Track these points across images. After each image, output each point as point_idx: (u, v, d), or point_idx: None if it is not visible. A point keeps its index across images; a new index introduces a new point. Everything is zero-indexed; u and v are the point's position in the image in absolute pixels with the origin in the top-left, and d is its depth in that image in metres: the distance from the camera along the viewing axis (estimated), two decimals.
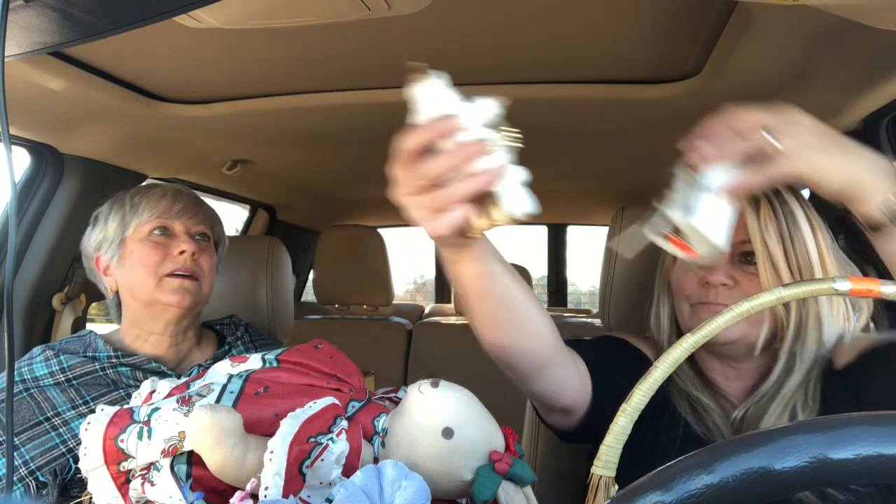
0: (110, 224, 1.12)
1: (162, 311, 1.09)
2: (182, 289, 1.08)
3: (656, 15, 1.00)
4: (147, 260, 1.08)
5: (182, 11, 0.72)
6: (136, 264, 1.08)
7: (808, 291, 0.51)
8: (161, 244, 1.09)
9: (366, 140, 1.72)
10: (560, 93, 1.32)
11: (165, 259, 1.08)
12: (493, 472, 0.64)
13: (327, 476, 0.61)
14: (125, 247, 1.10)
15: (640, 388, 0.50)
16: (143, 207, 1.11)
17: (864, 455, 0.37)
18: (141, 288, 1.08)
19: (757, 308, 0.52)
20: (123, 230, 1.11)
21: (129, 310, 1.12)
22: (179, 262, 1.09)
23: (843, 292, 0.51)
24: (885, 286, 0.50)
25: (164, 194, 1.14)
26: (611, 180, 2.34)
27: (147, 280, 1.07)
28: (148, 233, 1.10)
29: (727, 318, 0.52)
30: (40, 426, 0.98)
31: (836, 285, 0.50)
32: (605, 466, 0.49)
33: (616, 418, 0.50)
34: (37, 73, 1.12)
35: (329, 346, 0.82)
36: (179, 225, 1.12)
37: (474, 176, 0.61)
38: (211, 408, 0.65)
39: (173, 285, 1.08)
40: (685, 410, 0.92)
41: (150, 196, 1.13)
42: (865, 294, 0.50)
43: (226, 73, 1.27)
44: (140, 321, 1.11)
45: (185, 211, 1.13)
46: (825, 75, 1.06)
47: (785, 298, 0.52)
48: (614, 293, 1.17)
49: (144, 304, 1.09)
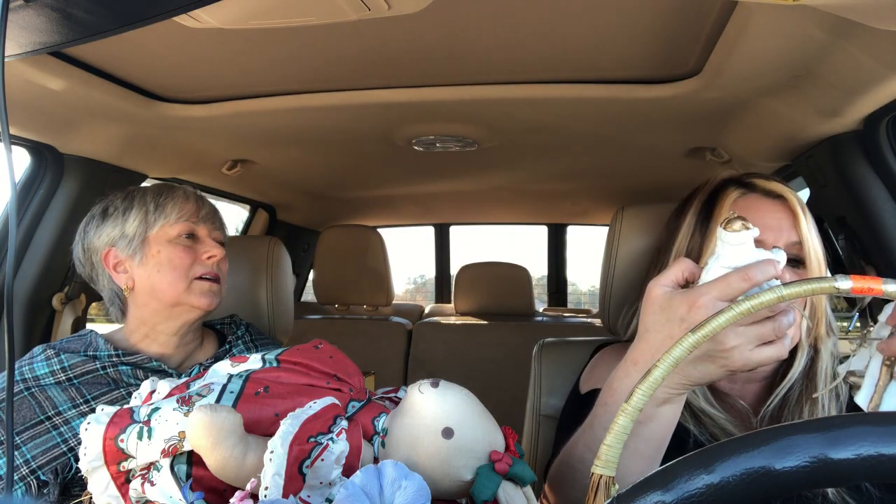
0: (130, 221, 1.10)
1: (184, 313, 1.10)
2: (211, 292, 1.11)
3: (656, 15, 1.00)
4: (179, 262, 1.09)
5: (182, 11, 0.72)
6: (165, 266, 1.08)
7: (810, 290, 0.51)
8: (189, 248, 1.11)
9: (366, 140, 1.72)
10: (560, 93, 1.32)
11: (195, 262, 1.10)
12: (493, 472, 0.64)
13: (327, 476, 0.61)
14: (148, 246, 1.10)
15: (640, 388, 0.50)
16: (171, 208, 1.11)
17: (864, 455, 0.37)
18: (169, 290, 1.08)
19: (758, 307, 0.52)
20: (146, 229, 1.10)
21: (144, 309, 1.11)
22: (208, 266, 1.11)
23: (845, 291, 0.51)
24: (887, 284, 0.50)
25: (188, 197, 1.14)
26: (611, 180, 2.34)
27: (177, 283, 1.08)
28: (176, 235, 1.10)
29: (728, 316, 0.52)
30: (41, 425, 0.98)
31: (838, 283, 0.50)
32: (605, 466, 0.49)
33: (616, 418, 0.50)
34: (37, 73, 1.12)
35: (329, 346, 0.82)
36: (204, 230, 1.14)
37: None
38: (211, 408, 0.65)
39: (203, 288, 1.10)
40: (687, 420, 0.90)
41: (174, 197, 1.13)
42: (866, 292, 0.50)
43: (226, 73, 1.27)
44: (153, 321, 1.11)
45: (209, 217, 1.16)
46: (825, 75, 1.06)
47: (787, 297, 0.52)
48: (614, 293, 1.17)
49: (168, 305, 1.09)
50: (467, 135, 1.64)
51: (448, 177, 2.30)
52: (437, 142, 1.68)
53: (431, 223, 3.59)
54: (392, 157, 1.93)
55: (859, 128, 1.20)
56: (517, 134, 1.66)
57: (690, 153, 1.75)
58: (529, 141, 1.74)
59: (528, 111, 1.44)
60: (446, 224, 3.60)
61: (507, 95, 1.33)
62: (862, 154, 1.22)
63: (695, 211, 0.94)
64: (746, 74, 1.12)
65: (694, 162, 1.80)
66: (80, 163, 1.51)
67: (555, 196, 2.74)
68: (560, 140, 1.71)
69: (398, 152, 1.82)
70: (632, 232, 1.17)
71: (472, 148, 1.74)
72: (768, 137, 1.41)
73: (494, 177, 2.30)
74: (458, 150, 1.76)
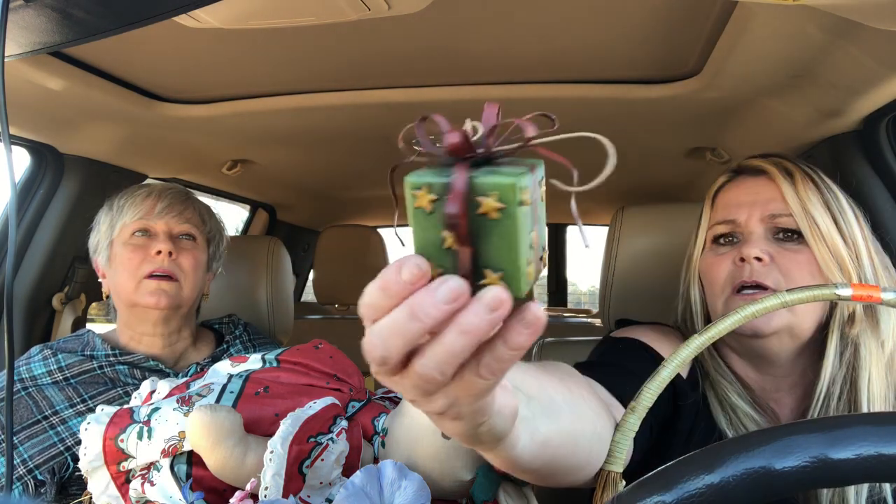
0: (102, 227, 1.13)
1: (144, 313, 1.09)
2: (159, 290, 1.06)
3: (656, 15, 1.00)
4: (127, 263, 1.07)
5: (182, 11, 0.72)
6: (119, 267, 1.09)
7: (812, 296, 0.52)
8: (140, 246, 1.08)
9: (366, 140, 1.72)
10: (560, 93, 1.32)
11: (144, 261, 1.07)
12: (493, 472, 0.64)
13: (327, 476, 0.61)
14: (112, 249, 1.11)
15: (648, 387, 0.50)
16: (127, 209, 1.11)
17: (864, 455, 0.37)
18: (123, 290, 1.08)
19: (762, 312, 0.52)
20: (111, 232, 1.11)
21: (121, 312, 1.12)
22: (157, 263, 1.07)
23: (846, 298, 0.51)
24: (885, 293, 0.50)
25: (149, 194, 1.13)
26: (611, 180, 2.32)
27: (128, 283, 1.07)
28: (130, 235, 1.09)
29: (732, 319, 0.52)
30: (38, 425, 0.98)
31: (839, 290, 0.51)
32: (613, 462, 0.50)
33: (625, 416, 0.50)
34: (37, 73, 1.12)
35: (329, 346, 0.82)
36: (162, 225, 1.10)
37: None
38: (211, 408, 0.65)
39: (150, 287, 1.06)
40: (721, 419, 0.85)
41: (134, 197, 1.13)
42: (866, 300, 0.51)
43: (226, 73, 1.27)
44: (131, 323, 1.11)
45: (169, 210, 1.11)
46: (825, 75, 1.06)
47: (790, 303, 0.52)
48: (614, 293, 1.17)
49: (127, 306, 1.09)
50: None
51: None
52: (438, 142, 1.68)
53: None
54: (392, 157, 1.92)
55: (859, 128, 1.20)
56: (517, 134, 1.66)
57: (690, 153, 1.75)
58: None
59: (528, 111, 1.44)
60: None
61: (507, 95, 1.33)
62: (862, 154, 1.22)
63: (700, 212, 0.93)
64: (746, 74, 1.12)
65: (694, 162, 1.80)
66: (80, 163, 1.51)
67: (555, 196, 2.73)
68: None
69: (398, 152, 1.81)
70: (632, 232, 1.17)
71: None
72: (768, 137, 1.41)
73: None
74: None
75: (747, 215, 0.83)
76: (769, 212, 0.82)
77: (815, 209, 0.79)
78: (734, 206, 0.85)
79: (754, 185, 0.85)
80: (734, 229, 0.85)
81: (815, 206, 0.80)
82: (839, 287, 0.51)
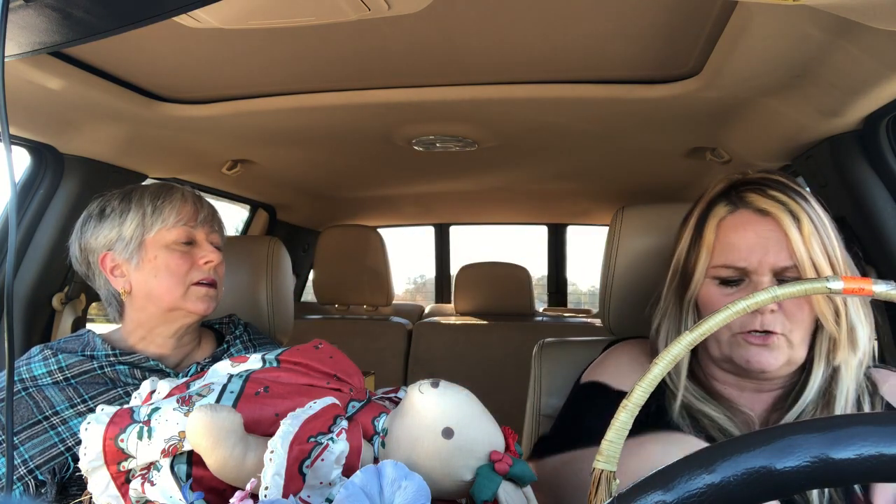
0: (128, 223, 1.08)
1: (181, 317, 1.10)
2: (207, 297, 1.10)
3: (656, 15, 1.00)
4: (176, 269, 1.07)
5: (182, 11, 0.72)
6: (162, 272, 1.07)
7: (803, 290, 0.52)
8: (186, 253, 1.09)
9: (366, 140, 1.72)
10: (560, 93, 1.32)
11: (192, 268, 1.09)
12: (493, 472, 0.64)
13: (327, 476, 0.61)
14: (145, 250, 1.08)
15: (640, 385, 0.50)
16: (168, 212, 1.09)
17: (865, 455, 0.37)
18: (167, 295, 1.07)
19: (753, 306, 0.53)
20: (144, 232, 1.08)
21: (141, 312, 1.10)
22: (205, 272, 1.10)
23: (837, 291, 0.51)
24: (877, 285, 0.50)
25: (186, 199, 1.12)
26: (611, 180, 2.34)
27: (175, 288, 1.07)
28: (174, 241, 1.08)
29: (724, 315, 0.52)
30: (39, 425, 0.98)
31: (830, 284, 0.51)
32: (606, 461, 0.50)
33: (617, 414, 0.50)
34: (37, 73, 1.12)
35: (329, 346, 0.82)
36: (202, 233, 1.12)
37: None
38: (211, 408, 0.65)
39: (200, 293, 1.09)
40: (684, 419, 0.89)
41: (172, 199, 1.10)
42: (857, 293, 0.51)
43: (226, 73, 1.27)
44: (150, 324, 1.10)
45: (207, 220, 1.14)
46: (825, 75, 1.06)
47: (780, 297, 0.52)
48: (614, 293, 1.17)
49: (166, 309, 1.08)
50: (467, 135, 1.64)
51: (448, 177, 2.30)
52: (437, 142, 1.69)
53: (431, 223, 3.59)
54: (392, 157, 1.93)
55: (859, 128, 1.20)
56: (517, 134, 1.66)
57: (690, 153, 1.75)
58: (529, 141, 1.74)
59: (528, 111, 1.44)
60: (446, 224, 3.60)
61: (507, 95, 1.33)
62: (862, 154, 1.22)
63: (691, 226, 0.93)
64: (746, 74, 1.12)
65: (694, 162, 1.80)
66: (80, 163, 1.51)
67: (555, 196, 2.74)
68: (560, 140, 1.71)
69: (398, 152, 1.82)
70: (632, 232, 1.17)
71: (472, 148, 1.74)
72: (768, 137, 1.42)
73: (494, 177, 2.30)
74: (458, 150, 1.76)
75: (757, 264, 0.85)
76: (779, 265, 0.84)
77: (817, 256, 0.83)
78: (744, 251, 0.86)
79: (762, 229, 0.86)
80: (743, 276, 0.87)
81: (817, 254, 0.83)
82: (830, 280, 0.51)
